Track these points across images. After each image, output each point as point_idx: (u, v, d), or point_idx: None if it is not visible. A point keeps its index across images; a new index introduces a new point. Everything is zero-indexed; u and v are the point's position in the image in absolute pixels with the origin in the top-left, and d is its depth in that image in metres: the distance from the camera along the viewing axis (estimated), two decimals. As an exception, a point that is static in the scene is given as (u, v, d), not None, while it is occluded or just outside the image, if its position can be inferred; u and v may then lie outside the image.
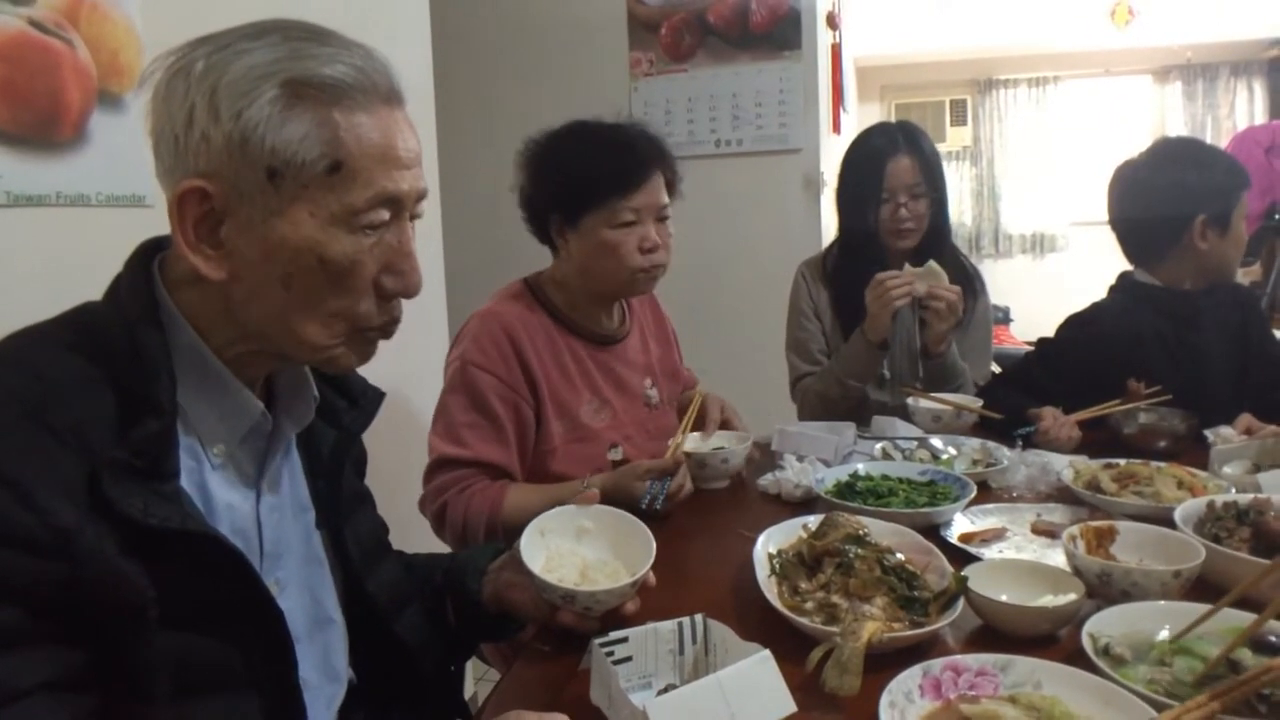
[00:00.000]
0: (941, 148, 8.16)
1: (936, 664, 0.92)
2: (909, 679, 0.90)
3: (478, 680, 2.62)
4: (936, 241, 2.09)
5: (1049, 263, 7.70)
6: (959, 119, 8.22)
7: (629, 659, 0.97)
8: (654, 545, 1.12)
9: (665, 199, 1.64)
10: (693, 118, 3.78)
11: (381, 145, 0.85)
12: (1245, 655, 0.92)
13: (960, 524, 1.37)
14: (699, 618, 0.99)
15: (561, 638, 1.11)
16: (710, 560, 1.36)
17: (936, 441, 1.70)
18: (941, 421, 1.82)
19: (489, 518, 1.52)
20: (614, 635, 0.96)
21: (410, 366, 1.75)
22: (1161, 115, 7.73)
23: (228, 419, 0.90)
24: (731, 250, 3.62)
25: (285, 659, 0.88)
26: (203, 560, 0.81)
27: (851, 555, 1.13)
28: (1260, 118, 7.35)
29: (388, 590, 1.12)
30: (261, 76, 0.80)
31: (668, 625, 0.98)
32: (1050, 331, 2.00)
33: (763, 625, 1.10)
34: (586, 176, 1.60)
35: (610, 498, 1.47)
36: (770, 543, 1.26)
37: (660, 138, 1.69)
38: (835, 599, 1.09)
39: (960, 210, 8.03)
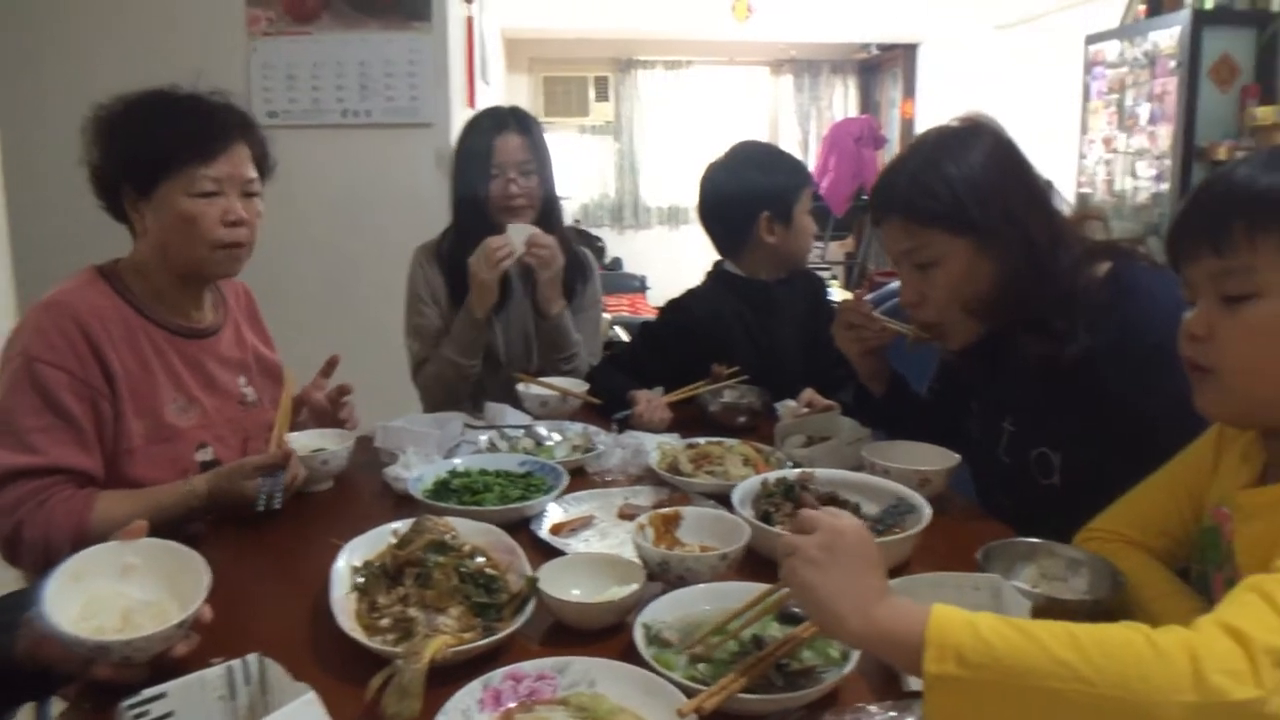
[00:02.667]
0: (585, 122, 8.48)
1: (497, 674, 0.93)
2: (468, 695, 0.90)
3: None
4: (548, 222, 2.13)
5: (682, 235, 8.28)
6: (602, 95, 8.53)
7: (170, 715, 0.87)
8: (208, 577, 1.02)
9: (252, 173, 1.56)
10: (318, 85, 3.55)
11: None
12: (773, 628, 1.02)
13: (554, 514, 1.41)
14: (252, 658, 0.91)
15: (108, 693, 0.98)
16: (293, 578, 1.28)
17: (541, 428, 1.74)
18: (549, 406, 1.87)
19: (75, 534, 1.33)
20: (146, 694, 0.86)
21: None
22: (776, 103, 8.57)
23: None
24: (360, 226, 3.46)
25: None
26: None
27: (431, 564, 1.12)
28: (853, 110, 8.40)
29: None
30: None
31: (215, 671, 0.90)
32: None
33: (341, 649, 1.05)
34: (163, 140, 1.49)
35: (218, 500, 1.41)
36: (355, 554, 1.21)
37: (248, 112, 1.61)
38: (412, 612, 1.07)
39: (603, 183, 8.38)
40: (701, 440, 1.63)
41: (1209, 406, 0.98)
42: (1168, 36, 4.43)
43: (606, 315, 4.13)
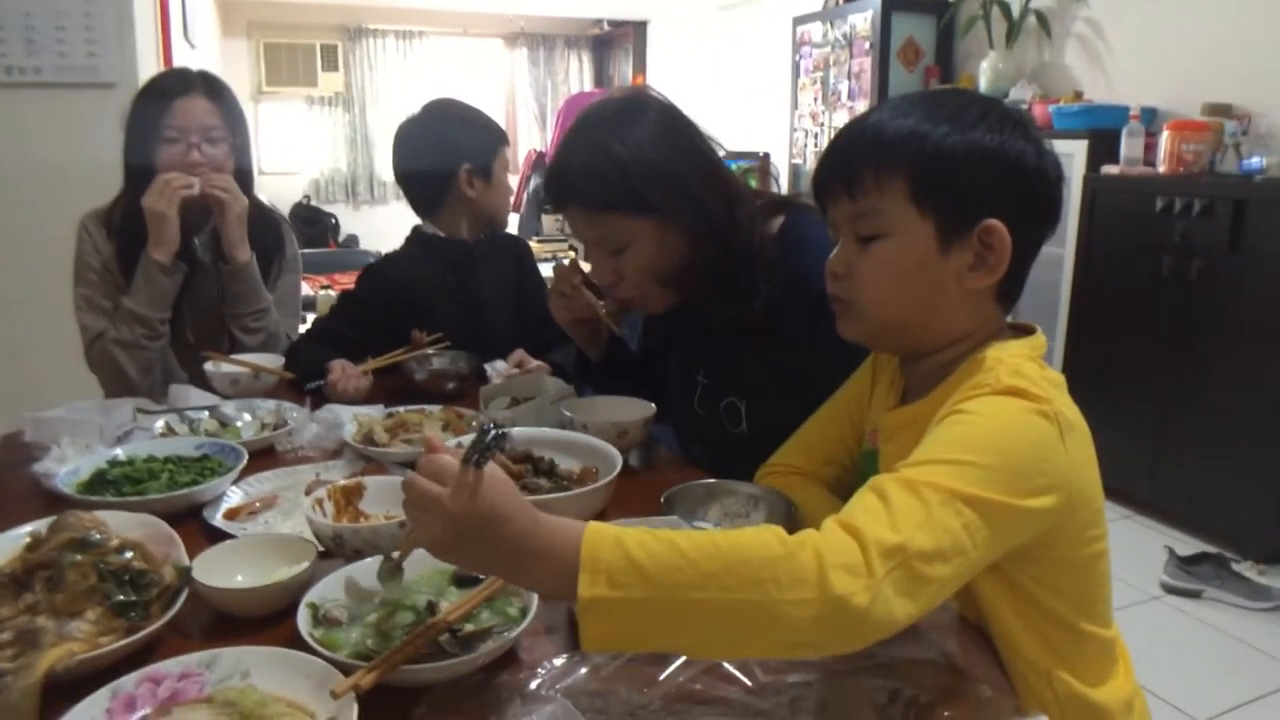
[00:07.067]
0: (313, 93, 8.03)
1: (130, 678, 0.82)
2: (92, 706, 0.79)
3: None
4: (242, 191, 1.95)
5: (422, 210, 8.06)
6: (331, 64, 8.10)
7: None
8: None
9: None
10: (-28, 37, 3.10)
11: None
12: (450, 594, 0.99)
13: (233, 497, 1.29)
14: None
15: None
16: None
17: (229, 408, 1.60)
18: (240, 385, 1.72)
19: None
20: None
21: None
22: (512, 75, 8.49)
23: None
24: (28, 199, 3.06)
25: None
26: None
27: (66, 564, 0.98)
28: (588, 85, 8.49)
29: None
30: None
31: None
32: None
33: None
34: None
35: None
36: (-21, 563, 1.04)
37: None
38: (41, 621, 0.93)
39: (335, 157, 7.96)
40: (401, 409, 1.56)
41: (846, 329, 1.05)
42: (862, 20, 4.80)
43: (333, 292, 3.91)
